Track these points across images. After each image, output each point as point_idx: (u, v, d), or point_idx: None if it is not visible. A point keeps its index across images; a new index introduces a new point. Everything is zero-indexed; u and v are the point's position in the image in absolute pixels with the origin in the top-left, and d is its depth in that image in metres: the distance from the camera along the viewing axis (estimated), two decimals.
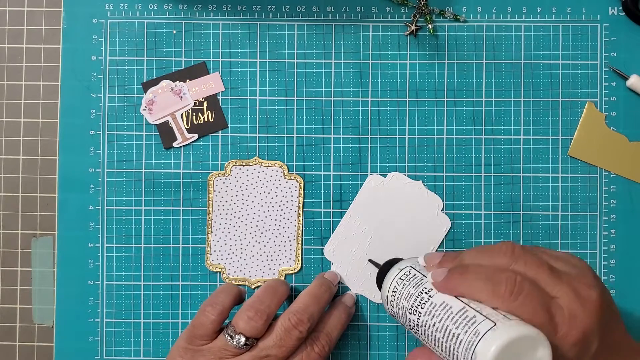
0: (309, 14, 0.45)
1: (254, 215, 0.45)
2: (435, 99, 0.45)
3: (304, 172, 0.45)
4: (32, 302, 0.45)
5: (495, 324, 0.28)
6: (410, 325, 0.33)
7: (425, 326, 0.32)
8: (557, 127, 0.45)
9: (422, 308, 0.32)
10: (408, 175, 0.45)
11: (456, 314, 0.30)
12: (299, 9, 0.45)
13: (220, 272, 0.45)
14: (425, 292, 0.32)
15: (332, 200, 0.45)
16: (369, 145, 0.45)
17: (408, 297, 0.33)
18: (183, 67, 0.45)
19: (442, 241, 0.44)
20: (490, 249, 0.33)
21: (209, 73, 0.45)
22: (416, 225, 0.44)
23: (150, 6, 0.45)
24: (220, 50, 0.45)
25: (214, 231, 0.45)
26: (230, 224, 0.45)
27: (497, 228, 0.44)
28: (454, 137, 0.45)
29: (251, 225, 0.45)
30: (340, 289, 0.44)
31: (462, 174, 0.45)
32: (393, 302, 0.35)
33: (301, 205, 0.45)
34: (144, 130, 0.45)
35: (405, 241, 0.44)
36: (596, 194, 0.44)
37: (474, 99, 0.45)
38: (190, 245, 0.45)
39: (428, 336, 0.31)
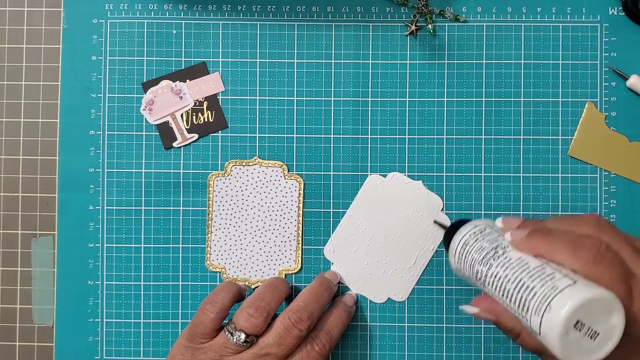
0: (309, 14, 0.45)
1: (254, 215, 0.45)
2: (435, 99, 0.45)
3: (304, 172, 0.45)
4: (32, 302, 0.45)
5: (574, 282, 0.28)
6: (477, 277, 0.33)
7: (495, 277, 0.31)
8: (557, 127, 0.45)
9: (494, 260, 0.32)
10: (408, 175, 0.45)
11: (533, 269, 0.30)
12: (299, 9, 0.45)
13: (220, 272, 0.45)
14: (501, 248, 0.32)
15: (332, 200, 0.45)
16: (369, 145, 0.45)
17: (480, 250, 0.33)
18: (183, 67, 0.45)
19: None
20: (575, 218, 0.32)
21: (209, 73, 0.45)
22: (416, 225, 0.44)
23: (150, 6, 0.45)
24: (220, 50, 0.45)
25: (214, 231, 0.45)
26: (230, 224, 0.45)
27: None
28: (454, 137, 0.45)
29: (251, 225, 0.45)
30: (341, 288, 0.44)
31: (462, 174, 0.45)
32: (462, 253, 0.34)
33: (301, 205, 0.45)
34: (144, 130, 0.45)
35: (406, 241, 0.44)
36: (596, 194, 0.44)
37: (474, 99, 0.45)
38: (190, 245, 0.45)
39: (497, 287, 0.31)
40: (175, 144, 0.45)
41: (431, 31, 0.44)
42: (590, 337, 0.27)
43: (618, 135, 0.44)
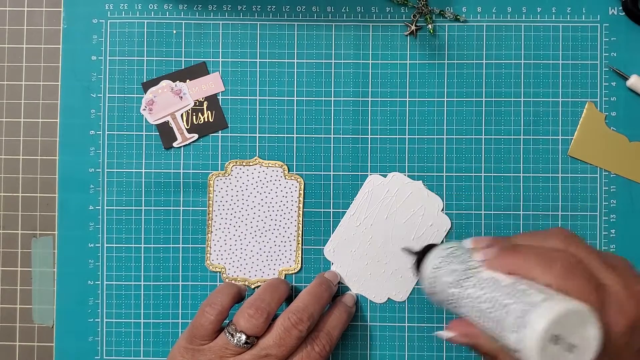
0: (309, 14, 0.45)
1: (254, 215, 0.45)
2: (435, 99, 0.45)
3: (304, 172, 0.45)
4: (32, 302, 0.45)
5: (548, 296, 0.28)
6: (450, 301, 0.33)
7: (468, 298, 0.31)
8: (557, 127, 0.45)
9: (466, 282, 0.32)
10: (408, 175, 0.45)
11: (505, 287, 0.30)
12: (299, 9, 0.45)
13: (220, 272, 0.45)
14: (472, 268, 0.32)
15: (332, 200, 0.45)
16: (369, 145, 0.45)
17: (451, 273, 0.33)
18: (183, 67, 0.45)
19: (443, 241, 0.44)
20: (543, 233, 0.33)
21: (209, 73, 0.45)
22: (416, 225, 0.44)
23: (150, 6, 0.45)
24: (220, 50, 0.45)
25: (214, 231, 0.45)
26: (230, 224, 0.45)
27: (497, 228, 0.44)
28: (454, 137, 0.45)
29: (251, 225, 0.45)
30: (341, 289, 0.44)
31: (462, 174, 0.45)
32: (434, 278, 0.34)
33: (301, 205, 0.45)
34: (144, 130, 0.45)
35: (405, 241, 0.44)
36: (596, 194, 0.44)
37: (474, 99, 0.45)
38: (190, 245, 0.45)
39: (471, 308, 0.31)
40: (175, 144, 0.45)
41: (431, 31, 0.44)
42: (568, 351, 0.27)
43: (618, 135, 0.44)
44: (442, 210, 0.44)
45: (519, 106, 0.45)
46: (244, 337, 0.38)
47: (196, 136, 0.45)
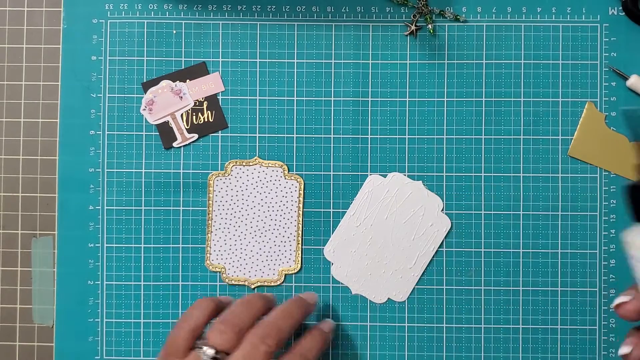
0: (309, 14, 0.45)
1: (254, 215, 0.45)
2: (435, 99, 0.45)
3: (304, 172, 0.45)
4: (32, 302, 0.45)
5: None
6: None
7: None
8: (557, 127, 0.45)
9: None
10: (408, 175, 0.45)
11: None
12: (298, 9, 0.45)
13: (220, 272, 0.45)
14: None
15: (332, 200, 0.45)
16: (369, 145, 0.45)
17: None
18: (183, 67, 0.45)
19: (443, 241, 0.44)
20: None
21: (209, 73, 0.45)
22: (416, 225, 0.44)
23: (150, 6, 0.45)
24: (220, 50, 0.45)
25: (214, 231, 0.45)
26: (230, 224, 0.45)
27: (497, 228, 0.44)
28: (454, 137, 0.45)
29: (251, 225, 0.45)
30: (341, 289, 0.44)
31: (462, 174, 0.45)
32: None
33: (301, 205, 0.45)
34: (144, 130, 0.45)
35: (406, 241, 0.44)
36: (596, 194, 0.44)
37: (474, 99, 0.45)
38: (190, 245, 0.45)
39: None
40: (175, 144, 0.45)
41: (431, 31, 0.44)
42: None
43: (618, 135, 0.44)
44: (442, 210, 0.44)
45: (518, 106, 0.45)
46: (212, 352, 0.36)
47: (196, 136, 0.45)
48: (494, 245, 0.44)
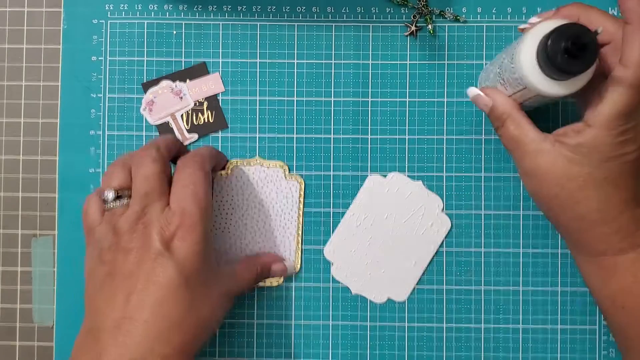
0: (309, 15, 0.45)
1: (254, 215, 0.45)
2: (435, 99, 0.45)
3: (304, 172, 0.45)
4: (32, 302, 0.45)
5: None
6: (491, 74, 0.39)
7: (498, 64, 0.38)
8: (557, 127, 0.44)
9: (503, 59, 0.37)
10: (408, 175, 0.45)
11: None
12: (299, 9, 0.45)
13: None
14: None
15: (332, 200, 0.45)
16: (369, 145, 0.45)
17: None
18: (183, 68, 0.45)
19: (443, 241, 0.44)
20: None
21: (209, 73, 0.45)
22: (416, 225, 0.44)
23: (150, 6, 0.45)
24: (220, 51, 0.45)
25: (214, 231, 0.45)
26: (230, 224, 0.45)
27: (497, 228, 0.44)
28: (454, 137, 0.45)
29: (251, 225, 0.45)
30: (341, 289, 0.44)
31: (462, 174, 0.45)
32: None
33: (301, 205, 0.45)
34: (144, 131, 0.45)
35: (406, 241, 0.44)
36: None
37: None
38: None
39: (496, 67, 0.38)
40: None
41: (431, 32, 0.44)
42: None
43: None
44: (442, 210, 0.44)
45: None
46: (111, 194, 0.36)
47: (196, 136, 0.45)
48: (494, 245, 0.44)
